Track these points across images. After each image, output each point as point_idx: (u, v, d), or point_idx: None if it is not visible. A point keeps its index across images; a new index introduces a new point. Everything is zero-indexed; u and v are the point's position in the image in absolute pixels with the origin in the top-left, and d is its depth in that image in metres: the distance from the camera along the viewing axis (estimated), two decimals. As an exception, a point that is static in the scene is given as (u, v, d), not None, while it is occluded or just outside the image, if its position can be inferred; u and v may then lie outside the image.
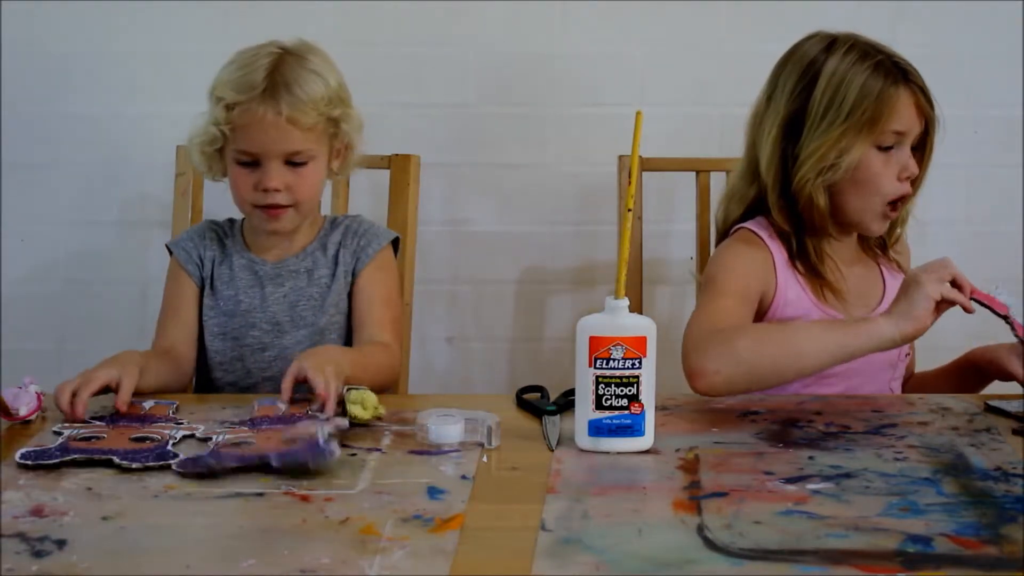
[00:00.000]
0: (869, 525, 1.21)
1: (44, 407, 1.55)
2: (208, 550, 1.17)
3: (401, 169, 2.09)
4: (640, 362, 1.41)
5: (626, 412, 1.41)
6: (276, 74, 1.73)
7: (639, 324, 1.42)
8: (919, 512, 1.25)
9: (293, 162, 1.76)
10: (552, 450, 1.44)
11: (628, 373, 1.40)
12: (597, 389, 1.41)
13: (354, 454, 1.42)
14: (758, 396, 1.61)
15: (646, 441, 1.42)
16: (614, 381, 1.41)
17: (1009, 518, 1.23)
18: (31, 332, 2.39)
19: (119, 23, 2.31)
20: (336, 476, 1.34)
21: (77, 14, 2.31)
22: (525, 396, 1.62)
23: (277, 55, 1.76)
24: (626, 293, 1.42)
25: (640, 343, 1.41)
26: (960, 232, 2.35)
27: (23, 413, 1.52)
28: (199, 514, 1.25)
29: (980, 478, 1.34)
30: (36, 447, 1.42)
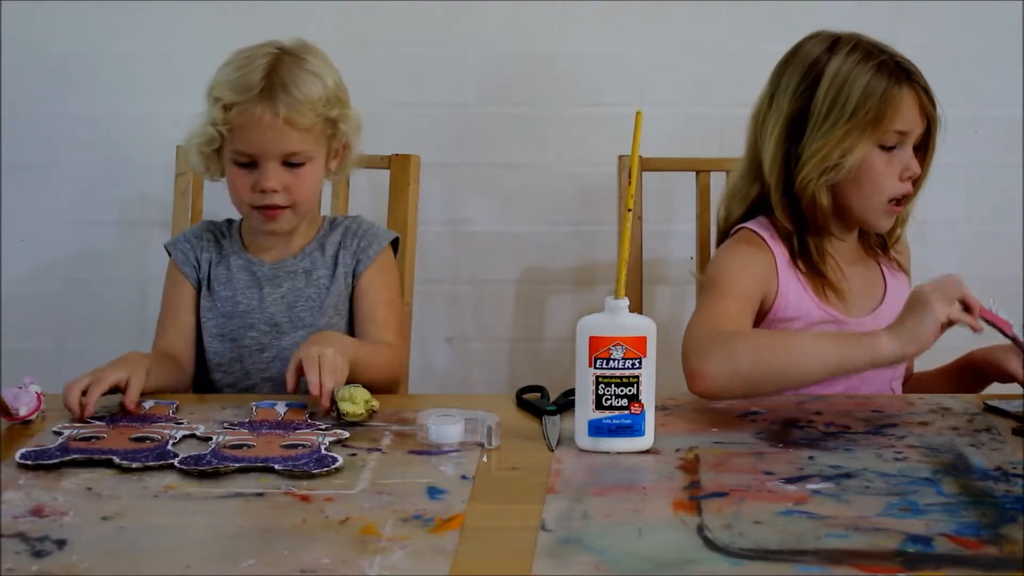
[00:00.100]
0: (869, 525, 1.21)
1: (44, 407, 1.55)
2: (208, 550, 1.17)
3: (401, 169, 2.09)
4: (640, 362, 1.41)
5: (626, 412, 1.41)
6: (273, 75, 1.73)
7: (639, 324, 1.42)
8: (919, 512, 1.25)
9: (291, 163, 1.75)
10: (552, 450, 1.44)
11: (628, 373, 1.40)
12: (597, 389, 1.41)
13: (354, 454, 1.42)
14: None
15: (646, 441, 1.42)
16: (614, 381, 1.41)
17: (1009, 518, 1.23)
18: (31, 332, 2.39)
19: (119, 23, 2.31)
20: (336, 476, 1.34)
21: (77, 14, 2.31)
22: (525, 396, 1.62)
23: (275, 55, 1.75)
24: (626, 293, 1.42)
25: (640, 343, 1.41)
26: (960, 232, 2.35)
27: (23, 413, 1.52)
28: (199, 514, 1.25)
29: (980, 478, 1.34)
30: (36, 447, 1.42)
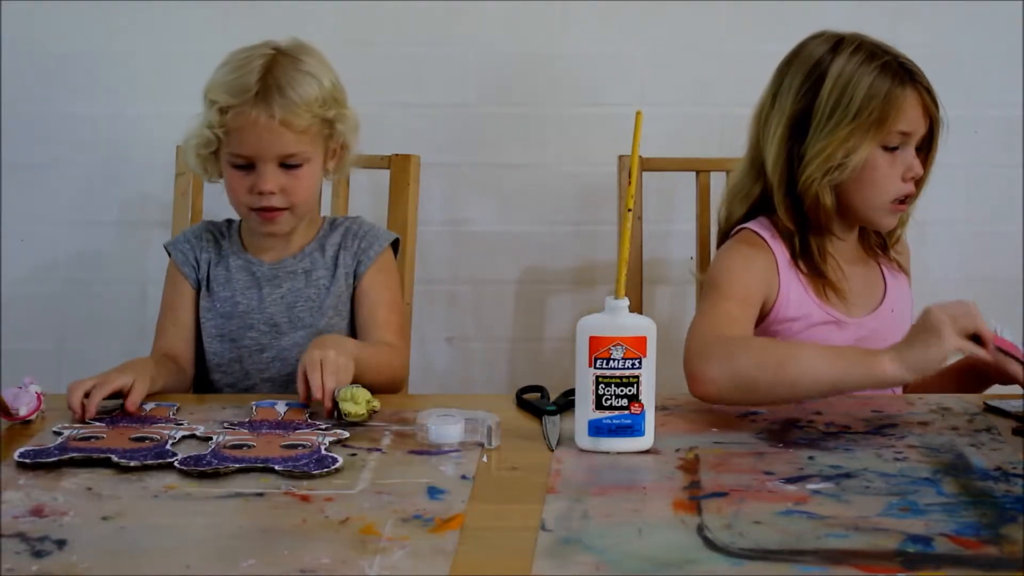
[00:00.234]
0: (869, 525, 1.21)
1: (44, 407, 1.55)
2: (208, 550, 1.17)
3: (401, 169, 2.09)
4: (640, 362, 1.41)
5: (626, 412, 1.41)
6: (269, 76, 1.72)
7: (639, 324, 1.42)
8: (919, 512, 1.25)
9: (287, 164, 1.75)
10: (552, 450, 1.44)
11: (628, 373, 1.40)
12: (597, 389, 1.41)
13: (354, 454, 1.42)
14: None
15: (646, 441, 1.42)
16: (614, 381, 1.41)
17: (1009, 518, 1.23)
18: (31, 332, 2.39)
19: (119, 23, 2.32)
20: (336, 476, 1.34)
21: (77, 14, 2.31)
22: (525, 396, 1.61)
23: (270, 56, 1.75)
24: (626, 293, 1.42)
25: (640, 343, 1.41)
26: (960, 232, 2.35)
27: (23, 413, 1.52)
28: (199, 514, 1.25)
29: (980, 478, 1.34)
30: (35, 447, 1.42)
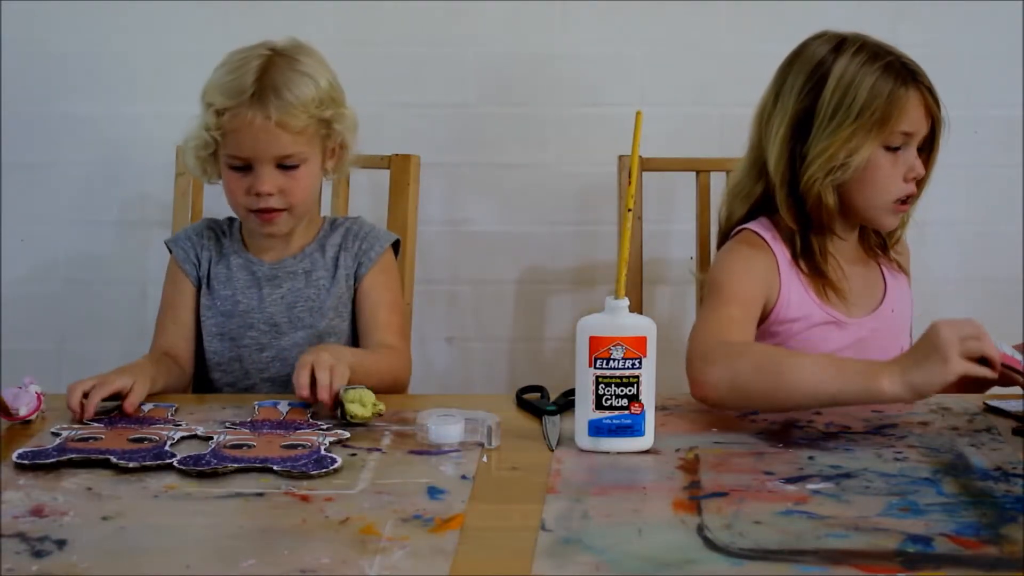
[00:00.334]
0: (869, 525, 1.21)
1: (44, 407, 1.55)
2: (208, 550, 1.17)
3: (401, 169, 2.09)
4: (640, 362, 1.41)
5: (626, 412, 1.41)
6: (265, 78, 1.72)
7: (639, 324, 1.42)
8: (919, 512, 1.25)
9: (285, 165, 1.74)
10: (552, 450, 1.44)
11: (628, 373, 1.40)
12: (597, 389, 1.41)
13: (354, 454, 1.42)
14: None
15: (646, 441, 1.42)
16: (614, 381, 1.40)
17: (1009, 518, 1.23)
18: (31, 332, 2.39)
19: (119, 23, 2.32)
20: (336, 476, 1.34)
21: (77, 14, 2.31)
22: (525, 396, 1.61)
23: (266, 57, 1.74)
24: (626, 293, 1.42)
25: (640, 343, 1.41)
26: (960, 232, 2.35)
27: (23, 413, 1.52)
28: (199, 514, 1.25)
29: (980, 478, 1.34)
30: (33, 447, 1.42)
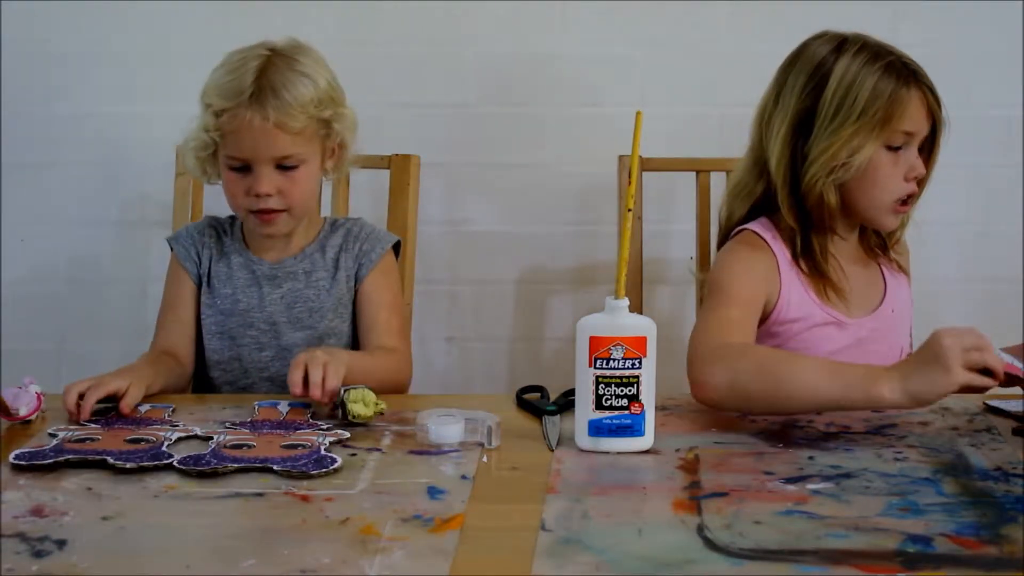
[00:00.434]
0: (869, 525, 1.21)
1: (44, 407, 1.55)
2: (208, 550, 1.17)
3: (401, 169, 2.09)
4: (640, 362, 1.40)
5: (626, 412, 1.41)
6: (263, 78, 1.71)
7: (639, 324, 1.42)
8: (919, 512, 1.25)
9: (284, 166, 1.74)
10: (552, 450, 1.44)
11: (628, 373, 1.40)
12: (597, 389, 1.41)
13: (354, 454, 1.42)
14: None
15: (646, 441, 1.42)
16: (614, 381, 1.40)
17: (1009, 518, 1.23)
18: (31, 332, 2.39)
19: (119, 23, 2.32)
20: (336, 476, 1.34)
21: (77, 14, 2.31)
22: (525, 396, 1.61)
23: (265, 58, 1.74)
24: (626, 293, 1.42)
25: (640, 343, 1.41)
26: (960, 232, 2.35)
27: (23, 413, 1.52)
28: (199, 514, 1.25)
29: (980, 478, 1.34)
30: (31, 448, 1.42)
